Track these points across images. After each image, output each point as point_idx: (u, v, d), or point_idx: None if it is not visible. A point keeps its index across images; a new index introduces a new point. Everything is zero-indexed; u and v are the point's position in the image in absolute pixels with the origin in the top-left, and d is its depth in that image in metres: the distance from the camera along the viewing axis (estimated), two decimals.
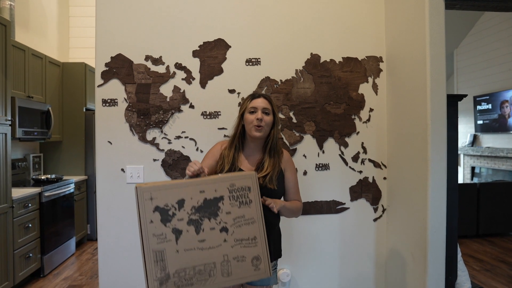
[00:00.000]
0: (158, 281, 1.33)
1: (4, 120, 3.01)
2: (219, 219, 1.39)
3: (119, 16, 2.32)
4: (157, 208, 1.34)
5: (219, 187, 1.40)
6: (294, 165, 1.81)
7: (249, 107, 1.68)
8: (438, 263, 1.98)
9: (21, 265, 3.18)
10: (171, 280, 1.34)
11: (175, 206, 1.36)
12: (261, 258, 1.43)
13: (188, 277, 1.36)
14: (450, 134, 2.04)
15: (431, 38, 1.98)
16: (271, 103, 1.70)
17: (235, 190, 1.41)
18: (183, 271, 1.36)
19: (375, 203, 2.52)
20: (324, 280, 2.50)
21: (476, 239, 4.85)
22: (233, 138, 1.73)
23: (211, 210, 1.39)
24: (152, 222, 1.34)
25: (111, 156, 2.33)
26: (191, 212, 1.37)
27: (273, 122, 1.70)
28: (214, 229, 1.39)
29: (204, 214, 1.38)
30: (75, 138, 4.55)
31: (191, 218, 1.37)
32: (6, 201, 2.99)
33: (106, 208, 2.33)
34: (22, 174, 3.97)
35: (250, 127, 1.66)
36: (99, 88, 2.32)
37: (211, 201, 1.39)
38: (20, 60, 3.60)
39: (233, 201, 1.41)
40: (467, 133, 6.90)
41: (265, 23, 2.42)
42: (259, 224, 1.43)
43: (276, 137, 1.71)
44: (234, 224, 1.41)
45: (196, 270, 1.37)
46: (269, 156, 1.69)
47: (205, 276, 1.37)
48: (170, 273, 1.34)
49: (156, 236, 1.34)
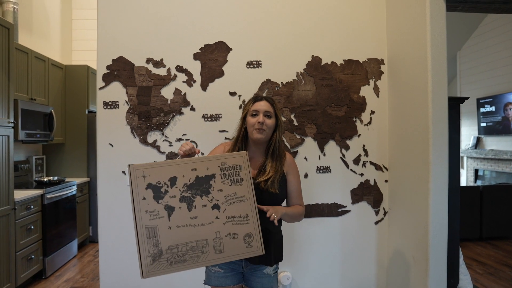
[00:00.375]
0: (151, 257, 1.35)
1: (6, 122, 3.03)
2: (210, 197, 1.42)
3: (121, 19, 2.33)
4: (150, 185, 1.37)
5: (211, 165, 1.42)
6: (297, 168, 1.80)
7: (251, 110, 1.67)
8: (440, 266, 1.96)
9: (23, 266, 3.19)
10: (164, 256, 1.36)
11: (167, 184, 1.38)
12: (253, 235, 1.44)
13: (181, 254, 1.38)
14: (452, 137, 2.04)
15: (432, 40, 1.97)
16: (274, 106, 1.68)
17: (226, 168, 1.43)
18: (175, 247, 1.38)
19: (376, 206, 2.51)
20: (325, 283, 2.49)
21: (479, 242, 4.82)
22: (235, 140, 1.72)
23: (203, 187, 1.41)
24: (144, 199, 1.37)
25: (112, 159, 2.34)
26: (183, 190, 1.39)
27: (276, 125, 1.68)
28: (206, 206, 1.41)
29: (196, 191, 1.41)
30: (77, 140, 4.56)
31: (183, 195, 1.39)
32: (8, 203, 2.99)
33: (107, 210, 2.33)
34: (24, 176, 3.98)
35: (251, 130, 1.65)
36: (100, 90, 2.33)
37: (203, 179, 1.41)
38: (23, 63, 3.62)
39: (224, 179, 1.43)
40: (470, 136, 6.87)
41: (266, 25, 2.42)
42: (251, 202, 1.45)
43: (278, 140, 1.69)
44: (226, 202, 1.43)
45: (189, 247, 1.39)
46: (272, 159, 1.68)
47: (198, 252, 1.39)
48: (162, 249, 1.36)
49: (148, 212, 1.36)
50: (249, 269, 1.66)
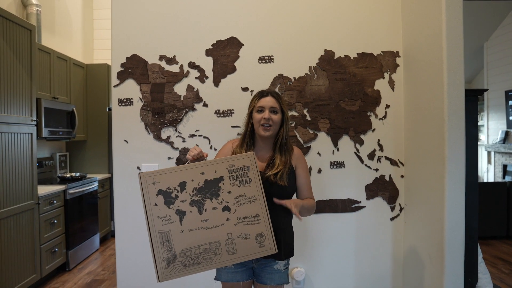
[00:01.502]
0: (166, 261, 1.40)
1: (29, 120, 3.15)
2: (220, 199, 1.44)
3: (134, 17, 2.36)
4: (160, 191, 1.41)
5: (219, 168, 1.44)
6: (306, 161, 1.79)
7: (257, 106, 1.67)
8: (456, 264, 1.90)
9: (47, 259, 3.32)
10: (178, 259, 1.40)
11: (177, 189, 1.42)
12: (265, 234, 1.46)
13: (194, 256, 1.41)
14: (470, 131, 1.96)
15: (448, 30, 1.89)
16: (280, 101, 1.68)
17: (234, 170, 1.45)
18: (188, 250, 1.41)
19: (392, 202, 2.45)
20: (339, 279, 2.46)
21: (506, 240, 4.63)
22: (243, 136, 1.73)
23: (212, 190, 1.44)
24: (156, 205, 1.41)
25: (127, 155, 2.38)
26: (193, 194, 1.42)
27: (282, 120, 1.68)
28: (217, 208, 1.44)
29: (206, 194, 1.43)
30: (99, 137, 4.69)
31: (193, 199, 1.43)
32: (32, 197, 3.12)
33: (122, 205, 2.39)
34: (49, 172, 4.13)
35: (257, 126, 1.66)
36: (115, 88, 2.38)
37: (212, 182, 1.44)
38: (46, 63, 3.75)
39: (233, 181, 1.45)
40: (498, 130, 6.59)
41: (277, 20, 2.40)
42: (261, 202, 1.46)
43: (286, 135, 1.69)
44: (236, 203, 1.45)
45: (202, 249, 1.42)
46: (280, 153, 1.68)
47: (211, 254, 1.42)
48: (176, 253, 1.40)
49: (161, 218, 1.41)
50: (259, 264, 1.66)
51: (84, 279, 3.42)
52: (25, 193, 3.03)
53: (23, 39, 3.08)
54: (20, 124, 3.01)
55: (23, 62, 3.07)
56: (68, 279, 3.45)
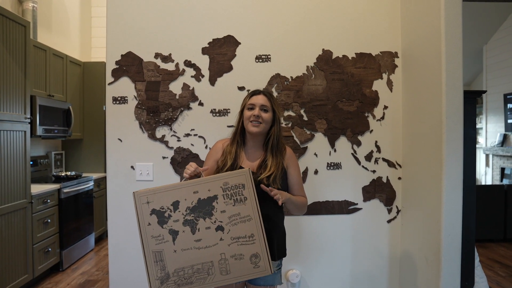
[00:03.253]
0: (159, 280, 1.40)
1: (23, 118, 3.11)
2: (214, 218, 1.41)
3: (129, 14, 2.33)
4: (154, 210, 1.40)
5: (212, 186, 1.41)
6: (297, 161, 1.80)
7: (248, 104, 1.68)
8: (453, 268, 1.87)
9: (40, 259, 3.28)
10: (171, 279, 1.40)
11: (170, 208, 1.41)
12: (260, 255, 1.43)
13: (187, 276, 1.41)
14: (468, 133, 1.94)
15: (446, 30, 1.87)
16: (271, 100, 1.68)
17: (228, 188, 1.42)
18: (181, 270, 1.41)
19: (389, 204, 2.42)
20: (335, 281, 2.43)
21: (503, 243, 4.62)
22: (234, 134, 1.74)
23: (206, 209, 1.41)
24: (150, 224, 1.41)
25: (121, 154, 2.35)
26: (186, 213, 1.41)
27: (273, 119, 1.68)
28: (210, 228, 1.41)
29: (199, 214, 1.41)
30: (95, 136, 4.65)
31: (186, 219, 1.41)
32: (25, 196, 3.08)
33: (116, 205, 2.35)
34: (44, 171, 4.09)
35: (247, 122, 1.66)
36: (109, 86, 2.34)
37: (205, 201, 1.41)
38: (42, 60, 3.71)
39: (227, 200, 1.42)
40: (496, 133, 6.58)
41: (275, 18, 2.37)
42: (256, 221, 1.42)
43: (277, 135, 1.69)
44: (230, 223, 1.42)
45: (195, 269, 1.41)
46: (272, 154, 1.67)
47: (204, 274, 1.41)
48: (169, 272, 1.40)
49: (154, 237, 1.40)
50: None
51: (77, 280, 3.38)
52: (17, 191, 2.99)
53: (17, 35, 3.04)
54: (13, 121, 2.97)
55: (17, 59, 3.03)
56: (61, 279, 3.41)
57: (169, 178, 2.36)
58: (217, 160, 1.72)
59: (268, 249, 1.43)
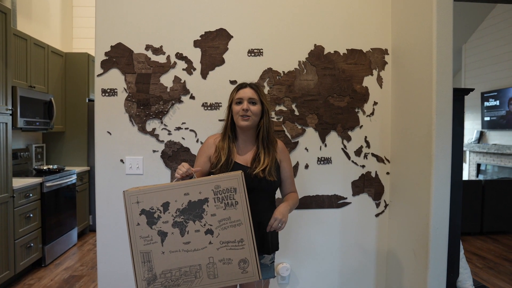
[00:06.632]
0: (146, 281, 1.39)
1: (4, 109, 3.00)
2: (204, 221, 1.40)
3: (119, 5, 2.28)
4: (143, 211, 1.39)
5: (204, 189, 1.40)
6: (289, 154, 1.82)
7: (236, 98, 1.68)
8: (440, 260, 1.94)
9: (22, 254, 3.19)
10: (158, 280, 1.40)
11: (160, 209, 1.39)
12: (249, 261, 1.42)
13: (175, 278, 1.40)
14: (455, 130, 1.99)
15: (438, 29, 1.92)
16: (258, 92, 1.68)
17: (220, 191, 1.40)
18: (169, 272, 1.40)
19: (377, 198, 2.48)
20: (324, 274, 2.48)
21: (479, 236, 4.80)
22: (225, 129, 1.73)
23: (196, 212, 1.40)
24: (138, 224, 1.39)
25: (110, 147, 2.31)
26: (175, 215, 1.39)
27: (262, 111, 1.68)
28: (199, 231, 1.40)
29: (189, 216, 1.40)
30: (78, 128, 4.54)
31: (176, 221, 1.40)
32: (6, 190, 2.98)
33: (105, 199, 2.31)
34: (24, 164, 3.97)
35: (237, 117, 1.66)
36: (98, 77, 2.29)
37: (196, 203, 1.40)
38: (22, 50, 3.58)
39: (218, 203, 1.40)
40: (473, 130, 6.81)
41: (268, 13, 2.37)
42: (246, 226, 1.42)
43: (267, 127, 1.69)
44: (220, 226, 1.41)
45: (182, 272, 1.40)
46: (263, 147, 1.68)
47: (191, 277, 1.41)
48: (156, 274, 1.40)
49: (142, 238, 1.39)
50: None
51: (61, 275, 3.31)
52: None
53: None
54: None
55: None
56: (44, 275, 3.33)
57: (160, 172, 2.33)
58: (209, 156, 1.71)
59: (257, 255, 1.44)
